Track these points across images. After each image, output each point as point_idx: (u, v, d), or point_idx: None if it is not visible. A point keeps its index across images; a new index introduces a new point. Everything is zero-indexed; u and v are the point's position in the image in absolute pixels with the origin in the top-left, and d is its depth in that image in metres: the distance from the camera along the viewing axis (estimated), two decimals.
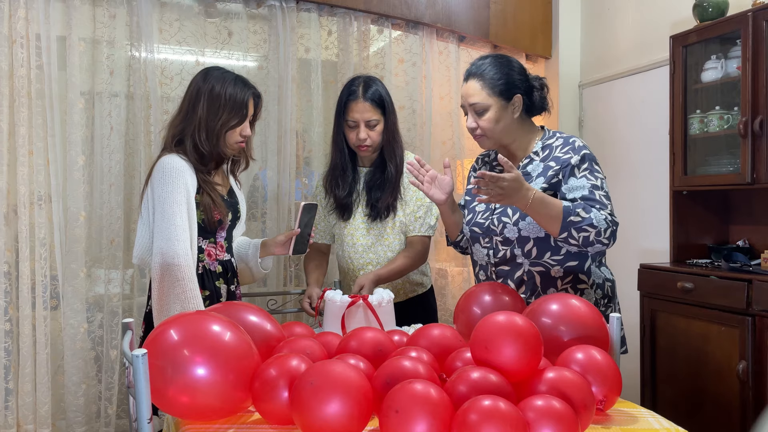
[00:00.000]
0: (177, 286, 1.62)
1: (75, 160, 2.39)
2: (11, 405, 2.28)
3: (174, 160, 1.70)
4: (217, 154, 1.78)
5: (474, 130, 1.78)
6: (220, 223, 1.80)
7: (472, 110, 1.77)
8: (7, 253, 2.27)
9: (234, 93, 1.74)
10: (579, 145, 1.75)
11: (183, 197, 1.68)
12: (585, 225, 1.60)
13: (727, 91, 2.53)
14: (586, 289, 1.78)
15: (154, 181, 1.70)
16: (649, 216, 3.04)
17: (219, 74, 1.77)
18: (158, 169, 1.70)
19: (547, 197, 1.61)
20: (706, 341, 2.33)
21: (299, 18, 2.82)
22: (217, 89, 1.73)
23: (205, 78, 1.77)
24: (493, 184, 1.52)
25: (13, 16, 2.26)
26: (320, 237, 2.25)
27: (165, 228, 1.63)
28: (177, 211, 1.65)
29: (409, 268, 2.11)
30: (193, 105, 1.75)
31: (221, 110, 1.73)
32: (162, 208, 1.65)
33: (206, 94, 1.73)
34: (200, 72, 1.82)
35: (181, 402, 1.13)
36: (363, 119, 2.05)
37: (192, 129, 1.74)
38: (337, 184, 2.14)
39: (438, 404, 1.05)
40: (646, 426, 1.22)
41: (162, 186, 1.66)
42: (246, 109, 1.78)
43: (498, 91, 1.75)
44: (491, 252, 1.80)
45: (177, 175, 1.67)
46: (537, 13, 3.48)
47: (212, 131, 1.74)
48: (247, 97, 1.77)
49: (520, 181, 1.55)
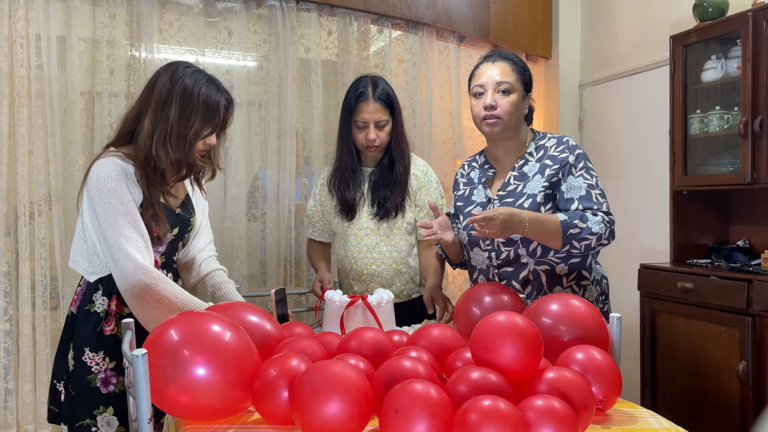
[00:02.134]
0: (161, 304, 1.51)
1: (75, 160, 2.39)
2: (11, 405, 2.28)
3: (103, 165, 1.52)
4: (188, 163, 1.61)
5: (492, 108, 1.75)
6: (158, 239, 1.62)
7: (497, 89, 1.75)
8: (7, 253, 2.27)
9: (208, 97, 1.57)
10: (572, 144, 1.79)
11: (127, 205, 1.52)
12: (585, 234, 1.63)
13: (727, 91, 2.53)
14: (588, 285, 1.80)
15: (92, 194, 1.51)
16: (649, 216, 3.04)
17: (191, 72, 1.58)
18: (94, 182, 1.51)
19: (542, 216, 1.65)
20: (706, 341, 2.33)
21: (299, 18, 2.82)
22: (191, 91, 1.55)
23: (173, 77, 1.56)
24: (489, 222, 1.56)
25: (13, 16, 2.26)
26: (319, 235, 2.25)
27: (115, 251, 1.49)
28: (125, 222, 1.50)
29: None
30: (162, 106, 1.55)
31: (193, 116, 1.56)
32: (112, 222, 1.49)
33: (178, 95, 1.55)
34: (167, 69, 1.59)
35: (181, 402, 1.13)
36: (373, 120, 2.05)
37: (163, 134, 1.55)
38: (347, 186, 2.14)
39: (438, 404, 1.04)
40: (646, 426, 1.22)
41: (101, 197, 1.49)
42: (219, 117, 1.61)
43: (524, 81, 1.79)
44: (493, 254, 1.79)
45: (114, 184, 1.50)
46: (537, 13, 3.48)
47: (183, 140, 1.56)
48: (222, 102, 1.60)
49: (510, 209, 1.60)
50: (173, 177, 1.65)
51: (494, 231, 1.58)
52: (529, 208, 1.71)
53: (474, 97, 1.80)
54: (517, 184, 1.78)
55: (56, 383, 1.63)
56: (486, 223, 1.56)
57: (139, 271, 1.48)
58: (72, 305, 1.66)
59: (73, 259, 1.62)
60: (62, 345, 1.65)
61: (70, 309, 1.66)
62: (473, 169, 1.94)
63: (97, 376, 1.58)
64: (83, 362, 1.58)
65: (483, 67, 1.80)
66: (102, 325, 1.60)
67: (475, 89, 1.79)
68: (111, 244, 1.50)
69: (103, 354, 1.59)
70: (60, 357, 1.64)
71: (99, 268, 1.59)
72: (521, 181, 1.77)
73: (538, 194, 1.72)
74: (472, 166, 1.96)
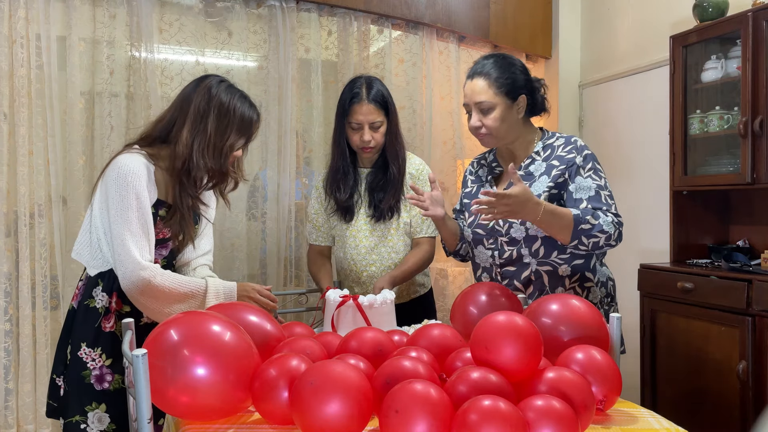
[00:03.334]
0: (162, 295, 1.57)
1: (75, 160, 2.39)
2: (11, 405, 2.28)
3: (127, 159, 1.57)
4: (221, 172, 1.69)
5: (478, 129, 1.76)
6: (167, 240, 1.69)
7: (477, 109, 1.75)
8: (7, 253, 2.27)
9: (243, 112, 1.67)
10: (581, 144, 1.77)
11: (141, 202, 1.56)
12: (595, 231, 1.61)
13: (727, 91, 2.53)
14: (592, 287, 1.79)
15: (108, 186, 1.57)
16: (649, 216, 3.05)
17: (226, 87, 1.68)
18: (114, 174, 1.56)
19: (558, 208, 1.61)
20: (706, 341, 2.33)
21: (299, 18, 2.82)
22: (229, 106, 1.65)
23: (210, 93, 1.65)
24: (499, 202, 1.51)
25: (13, 16, 2.26)
26: (321, 239, 2.24)
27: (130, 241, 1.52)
28: (135, 217, 1.54)
29: (419, 269, 2.11)
30: (201, 118, 1.63)
31: (229, 129, 1.65)
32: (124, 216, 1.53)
33: (216, 108, 1.63)
34: (204, 83, 1.68)
35: (181, 402, 1.13)
36: (367, 121, 2.04)
37: (202, 144, 1.62)
38: (338, 188, 2.13)
39: (438, 404, 1.04)
40: (646, 426, 1.22)
41: (117, 190, 1.54)
42: (251, 131, 1.71)
43: (504, 91, 1.74)
44: (496, 253, 1.79)
45: (133, 179, 1.56)
46: (537, 13, 3.48)
47: (219, 150, 1.64)
48: (255, 118, 1.71)
49: (528, 195, 1.54)
50: (206, 185, 1.73)
51: (500, 212, 1.53)
52: None
53: (467, 113, 1.82)
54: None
55: (55, 377, 1.65)
56: (497, 199, 1.50)
57: (137, 268, 1.52)
58: (73, 300, 1.67)
59: (76, 251, 1.65)
60: (62, 339, 1.67)
61: (71, 303, 1.68)
62: (482, 167, 1.96)
63: (91, 372, 1.59)
64: (79, 357, 1.59)
65: (466, 84, 1.80)
66: (101, 322, 1.61)
67: (465, 107, 1.82)
68: (115, 237, 1.54)
69: (100, 350, 1.60)
70: (59, 351, 1.66)
71: (100, 262, 1.62)
72: (527, 180, 1.76)
73: (543, 194, 1.71)
74: (481, 164, 1.97)
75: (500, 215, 1.55)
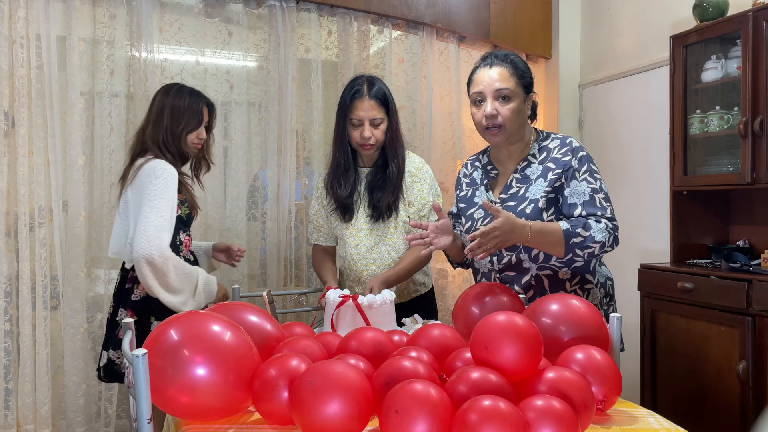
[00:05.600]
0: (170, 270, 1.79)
1: (75, 160, 2.39)
2: (11, 405, 2.28)
3: (165, 164, 1.90)
4: (180, 153, 2.00)
5: (494, 117, 1.69)
6: (193, 217, 2.05)
7: (496, 96, 1.69)
8: (7, 253, 2.27)
9: (191, 102, 2.00)
10: (576, 145, 1.74)
11: (174, 196, 1.87)
12: (588, 243, 1.61)
13: (727, 91, 2.53)
14: (592, 289, 1.78)
15: (144, 181, 1.85)
16: (649, 216, 3.04)
17: (177, 88, 2.02)
18: (150, 171, 1.87)
19: (546, 226, 1.61)
20: (706, 341, 2.33)
21: (299, 18, 2.82)
22: (177, 101, 1.98)
23: (166, 94, 2.01)
24: (486, 238, 1.51)
25: (13, 16, 2.26)
26: (324, 240, 2.24)
27: (154, 221, 1.79)
28: (167, 206, 1.83)
29: (415, 269, 2.10)
30: (159, 116, 1.98)
31: (182, 117, 1.98)
32: (154, 203, 1.81)
33: (169, 106, 1.98)
34: (161, 89, 2.03)
35: (181, 402, 1.13)
36: (368, 117, 2.04)
37: (160, 135, 1.96)
38: (339, 184, 2.13)
39: (438, 404, 1.04)
40: (646, 426, 1.22)
41: (155, 185, 1.84)
42: (201, 116, 2.02)
43: (524, 83, 1.72)
44: (495, 258, 1.78)
45: (169, 177, 1.87)
46: (537, 13, 3.48)
47: (175, 135, 1.98)
48: (201, 105, 2.02)
49: (511, 222, 1.54)
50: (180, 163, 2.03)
51: (493, 244, 1.53)
52: (531, 212, 1.69)
53: (474, 104, 1.74)
54: (519, 187, 1.75)
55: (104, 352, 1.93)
56: (483, 238, 1.51)
57: (153, 246, 1.75)
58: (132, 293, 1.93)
59: (114, 251, 1.94)
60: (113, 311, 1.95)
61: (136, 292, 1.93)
62: (476, 169, 1.91)
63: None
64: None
65: (480, 71, 1.73)
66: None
67: (474, 96, 1.73)
68: (142, 216, 1.78)
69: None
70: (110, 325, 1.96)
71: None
72: (523, 184, 1.74)
73: (540, 199, 1.69)
74: (475, 165, 1.93)
75: (493, 248, 1.55)
